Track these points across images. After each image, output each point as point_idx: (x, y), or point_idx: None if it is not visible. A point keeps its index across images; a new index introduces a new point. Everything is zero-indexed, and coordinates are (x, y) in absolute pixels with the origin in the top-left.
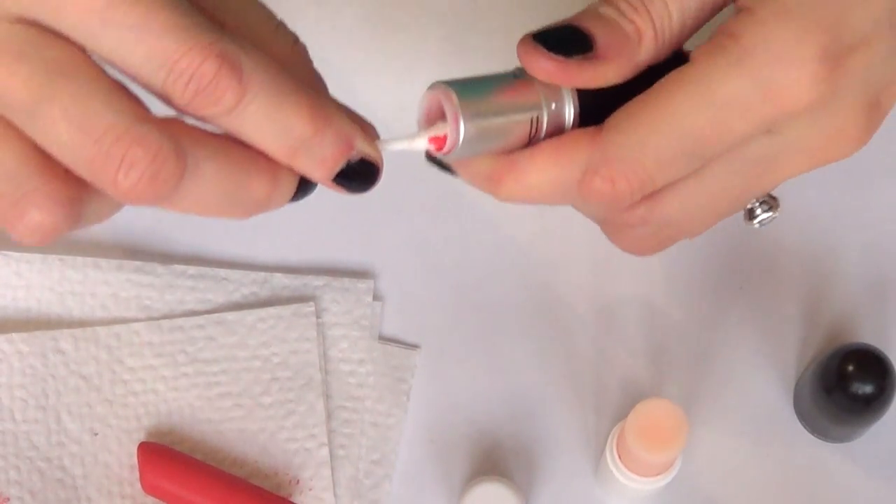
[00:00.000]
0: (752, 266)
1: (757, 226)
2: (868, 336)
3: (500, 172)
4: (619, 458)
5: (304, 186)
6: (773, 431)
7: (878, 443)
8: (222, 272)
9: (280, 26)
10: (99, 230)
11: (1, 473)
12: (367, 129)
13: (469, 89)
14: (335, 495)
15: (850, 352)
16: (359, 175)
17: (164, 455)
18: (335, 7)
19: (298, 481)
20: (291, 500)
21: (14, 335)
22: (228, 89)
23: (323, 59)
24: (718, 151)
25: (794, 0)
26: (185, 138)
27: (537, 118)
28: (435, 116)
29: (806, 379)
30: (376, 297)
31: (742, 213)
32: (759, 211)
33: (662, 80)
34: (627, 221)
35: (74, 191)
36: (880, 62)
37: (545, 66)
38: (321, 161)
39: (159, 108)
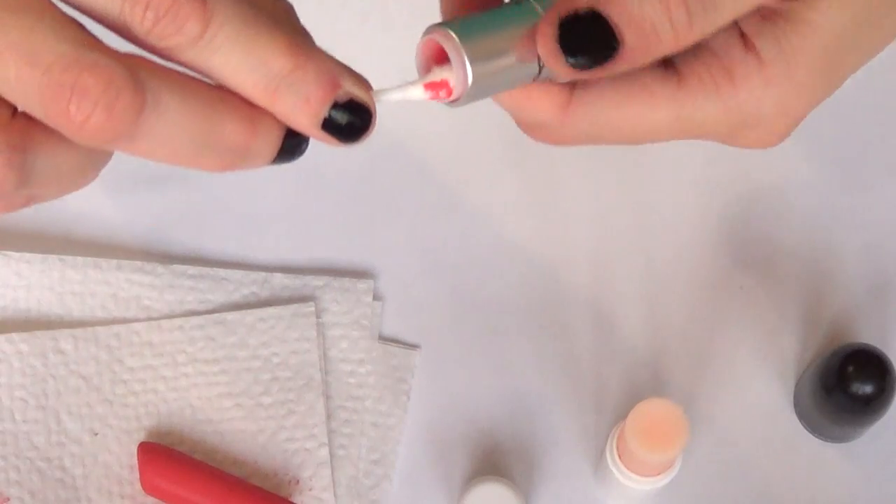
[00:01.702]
0: (752, 266)
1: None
2: (868, 336)
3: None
4: (619, 458)
5: (291, 143)
6: (773, 431)
7: (878, 443)
8: (222, 272)
9: None
10: (99, 230)
11: (1, 473)
12: (358, 77)
13: (469, 27)
14: (335, 495)
15: (850, 352)
16: (350, 122)
17: (164, 455)
18: (335, 7)
19: (298, 481)
20: (291, 500)
21: (14, 335)
22: (191, 16)
23: None
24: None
25: (807, 65)
26: (143, 70)
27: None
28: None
29: (806, 379)
30: (376, 297)
31: None
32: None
33: (650, 84)
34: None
35: (18, 138)
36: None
37: (566, 73)
38: (304, 101)
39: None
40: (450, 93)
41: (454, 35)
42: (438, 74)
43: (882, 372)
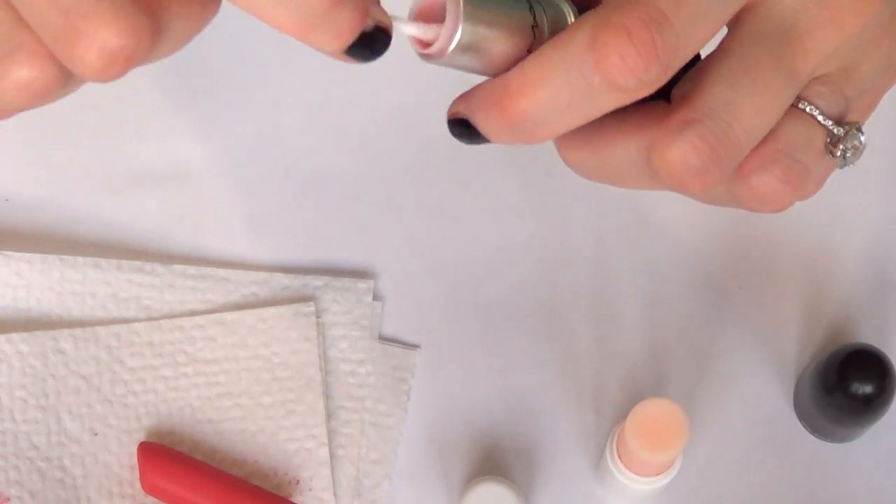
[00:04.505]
0: (752, 266)
1: (848, 155)
2: (868, 336)
3: (508, 83)
4: (619, 458)
5: (371, 39)
6: (773, 431)
7: (878, 443)
8: (222, 272)
9: None
10: (99, 230)
11: (1, 473)
12: (379, 4)
13: None
14: (335, 495)
15: (850, 352)
16: (371, 44)
17: (164, 455)
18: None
19: (298, 481)
20: (291, 500)
21: (14, 335)
22: None
23: (323, 59)
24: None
25: None
26: None
27: (535, 24)
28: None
29: (806, 379)
30: (376, 297)
31: (831, 157)
32: (836, 131)
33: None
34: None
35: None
36: None
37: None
38: (336, 36)
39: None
40: (426, 45)
41: None
42: (435, 30)
43: (882, 372)
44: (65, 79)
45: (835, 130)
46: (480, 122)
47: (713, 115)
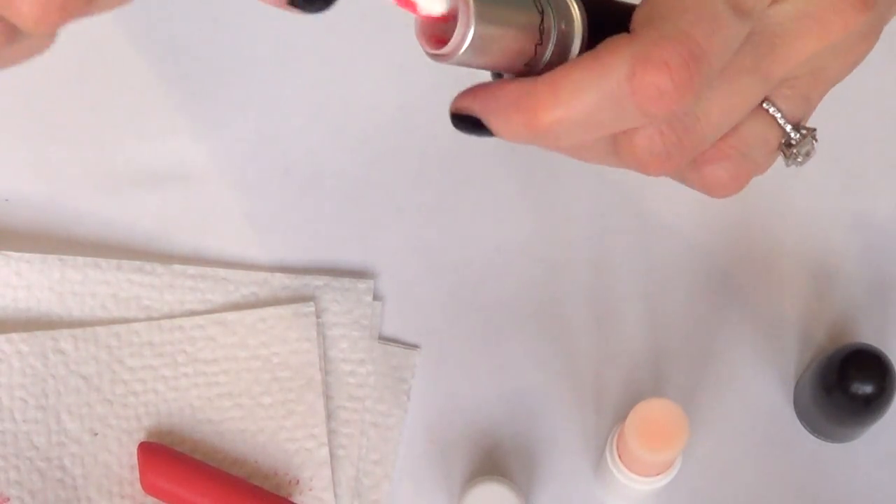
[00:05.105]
0: (752, 266)
1: (799, 160)
2: (868, 336)
3: (537, 95)
4: (619, 458)
5: None
6: (773, 431)
7: (878, 443)
8: (222, 272)
9: None
10: (99, 230)
11: (1, 473)
12: None
13: None
14: (335, 495)
15: (850, 352)
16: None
17: (164, 455)
18: (335, 6)
19: (298, 481)
20: (291, 500)
21: (14, 335)
22: None
23: (323, 59)
24: (752, 5)
25: None
26: None
27: (543, 23)
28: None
29: (806, 379)
30: (376, 297)
31: (781, 156)
32: (794, 136)
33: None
34: (683, 142)
35: None
36: None
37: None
38: None
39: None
40: (437, 46)
41: None
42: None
43: (882, 372)
44: (11, 34)
45: (792, 134)
46: (498, 125)
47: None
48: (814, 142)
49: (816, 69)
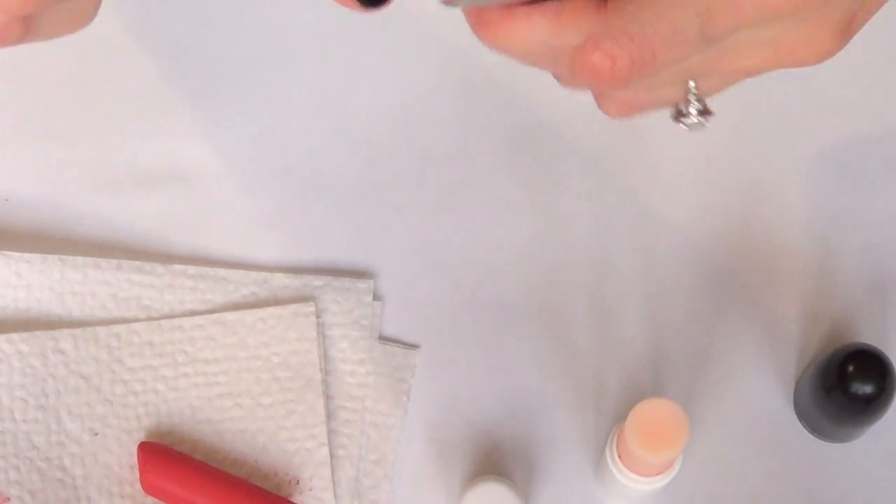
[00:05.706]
0: (751, 266)
1: (684, 128)
2: (868, 336)
3: (494, 16)
4: (619, 458)
5: None
6: (773, 431)
7: (878, 443)
8: (222, 272)
9: None
10: (99, 230)
11: (1, 473)
12: None
13: None
14: (335, 495)
15: (850, 352)
16: None
17: (164, 455)
18: (335, 6)
19: (298, 481)
20: (291, 500)
21: (14, 335)
22: None
23: (323, 59)
24: (722, 34)
25: None
26: None
27: None
28: None
29: (806, 379)
30: (376, 297)
31: (672, 111)
32: (692, 111)
33: None
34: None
35: None
36: None
37: None
38: None
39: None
40: None
41: None
42: None
43: (882, 372)
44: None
45: (692, 108)
46: (470, 21)
47: (642, 43)
48: (706, 124)
49: (763, 42)
